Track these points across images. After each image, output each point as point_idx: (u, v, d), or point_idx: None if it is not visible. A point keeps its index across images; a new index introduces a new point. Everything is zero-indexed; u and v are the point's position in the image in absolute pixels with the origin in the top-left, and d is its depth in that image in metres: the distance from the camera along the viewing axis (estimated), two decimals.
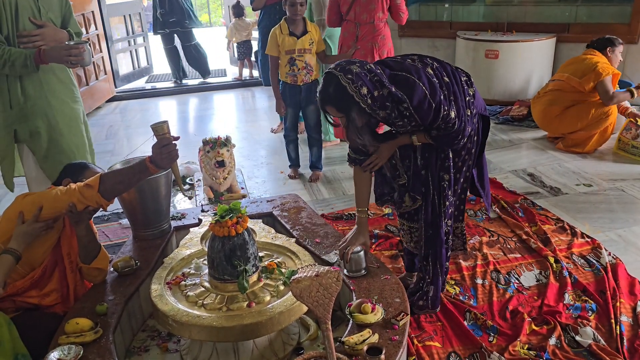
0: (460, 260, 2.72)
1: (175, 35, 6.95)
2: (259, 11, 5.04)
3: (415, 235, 2.31)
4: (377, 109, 1.86)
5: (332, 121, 2.00)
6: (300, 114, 3.84)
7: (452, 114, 1.91)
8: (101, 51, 6.50)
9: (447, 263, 2.27)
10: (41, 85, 2.54)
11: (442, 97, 1.88)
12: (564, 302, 2.37)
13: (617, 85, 4.31)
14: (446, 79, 1.95)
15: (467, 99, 2.01)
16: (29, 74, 2.48)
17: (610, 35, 4.11)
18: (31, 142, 2.60)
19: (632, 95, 3.94)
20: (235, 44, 7.42)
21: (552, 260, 2.66)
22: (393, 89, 1.84)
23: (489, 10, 6.08)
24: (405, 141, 2.09)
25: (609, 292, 2.39)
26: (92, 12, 6.25)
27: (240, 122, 5.65)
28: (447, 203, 2.12)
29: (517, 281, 2.56)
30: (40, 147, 2.60)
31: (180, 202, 3.64)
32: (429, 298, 2.24)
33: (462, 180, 2.17)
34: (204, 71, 7.41)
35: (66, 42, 2.50)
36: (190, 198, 3.60)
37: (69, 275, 2.15)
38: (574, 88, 4.06)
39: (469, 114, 2.00)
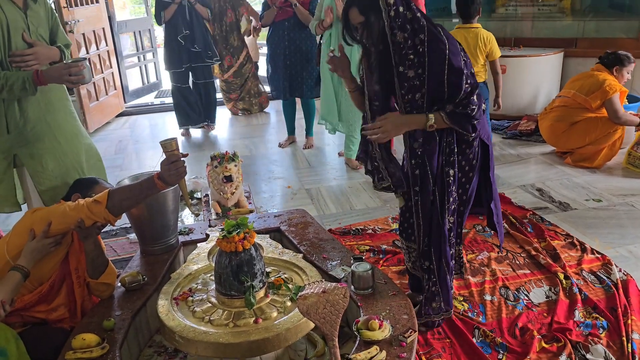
0: (469, 277, 2.70)
1: (190, 72, 5.53)
2: (268, 27, 5.09)
3: (412, 255, 2.29)
4: (396, 28, 1.86)
5: (348, 39, 2.01)
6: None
7: (468, 82, 1.90)
8: (111, 67, 6.57)
9: (452, 262, 2.19)
10: (39, 107, 2.42)
11: (462, 62, 1.90)
12: (574, 319, 2.34)
13: (626, 100, 4.30)
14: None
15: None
16: (27, 97, 2.36)
17: (623, 52, 4.05)
18: (31, 165, 2.45)
19: None
20: None
21: (561, 276, 2.64)
22: (418, 14, 1.87)
23: (496, 25, 6.09)
24: (419, 120, 1.97)
25: (620, 309, 2.36)
26: (103, 28, 6.34)
27: (248, 137, 5.68)
28: (451, 199, 2.06)
29: (526, 298, 2.53)
30: (43, 168, 2.46)
31: (187, 217, 3.65)
32: (441, 298, 2.18)
33: (458, 201, 2.11)
34: (213, 116, 5.92)
35: (64, 62, 2.39)
36: (197, 215, 3.61)
37: (76, 290, 2.15)
38: (580, 105, 4.05)
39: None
